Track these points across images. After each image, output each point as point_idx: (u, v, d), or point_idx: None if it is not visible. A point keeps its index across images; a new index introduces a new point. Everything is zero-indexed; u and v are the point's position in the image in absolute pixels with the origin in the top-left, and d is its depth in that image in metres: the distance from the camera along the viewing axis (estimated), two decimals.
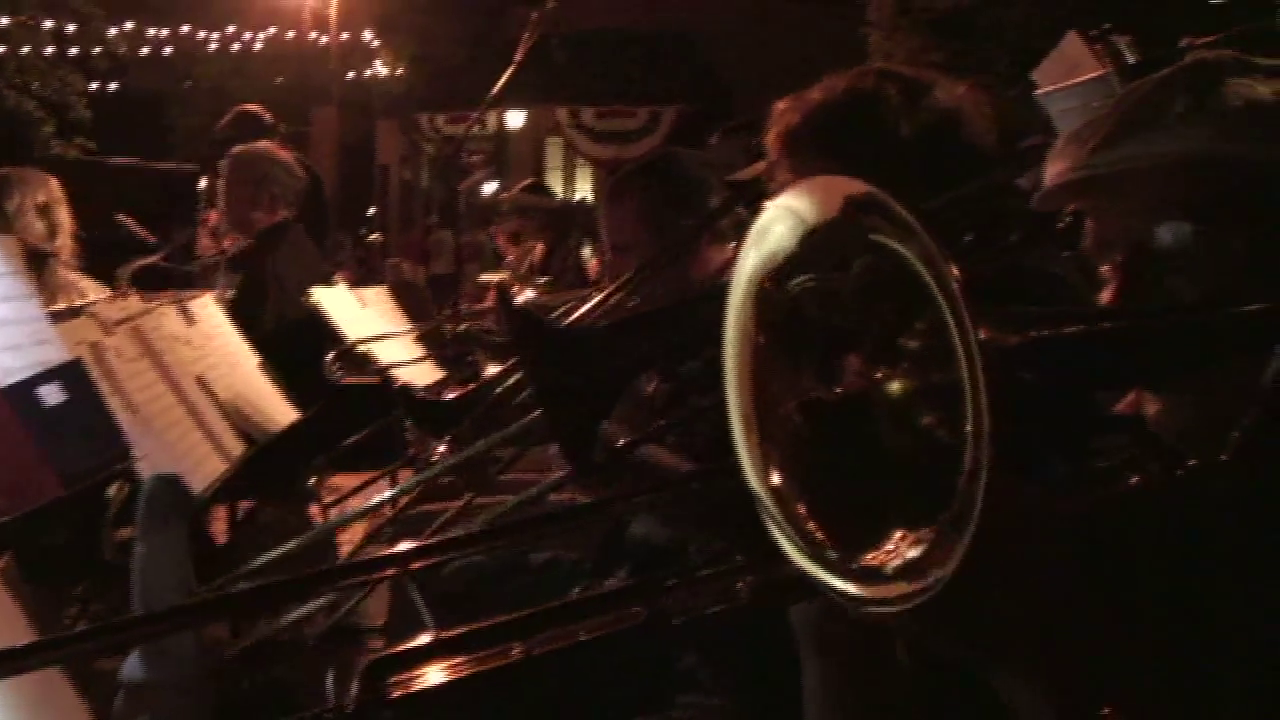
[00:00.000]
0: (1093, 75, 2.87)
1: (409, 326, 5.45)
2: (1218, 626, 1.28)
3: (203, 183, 7.68)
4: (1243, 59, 1.38)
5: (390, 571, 1.46)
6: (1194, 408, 1.31)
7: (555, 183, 26.99)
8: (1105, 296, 1.39)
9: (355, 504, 5.62)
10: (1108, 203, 1.39)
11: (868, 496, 1.02)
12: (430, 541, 1.51)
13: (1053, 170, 1.45)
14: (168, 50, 21.27)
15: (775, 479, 1.10)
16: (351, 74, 22.89)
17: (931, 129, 2.23)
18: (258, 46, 21.98)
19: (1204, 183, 1.30)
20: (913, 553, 0.94)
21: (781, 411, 1.11)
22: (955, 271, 0.92)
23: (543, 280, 6.38)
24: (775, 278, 1.07)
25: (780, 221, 1.06)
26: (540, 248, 7.54)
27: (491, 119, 23.81)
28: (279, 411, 4.05)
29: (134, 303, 3.44)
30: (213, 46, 21.74)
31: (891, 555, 0.96)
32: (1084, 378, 1.12)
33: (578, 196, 26.73)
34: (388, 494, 3.21)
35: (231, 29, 21.42)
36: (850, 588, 0.98)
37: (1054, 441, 1.23)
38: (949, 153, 2.22)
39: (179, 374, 3.35)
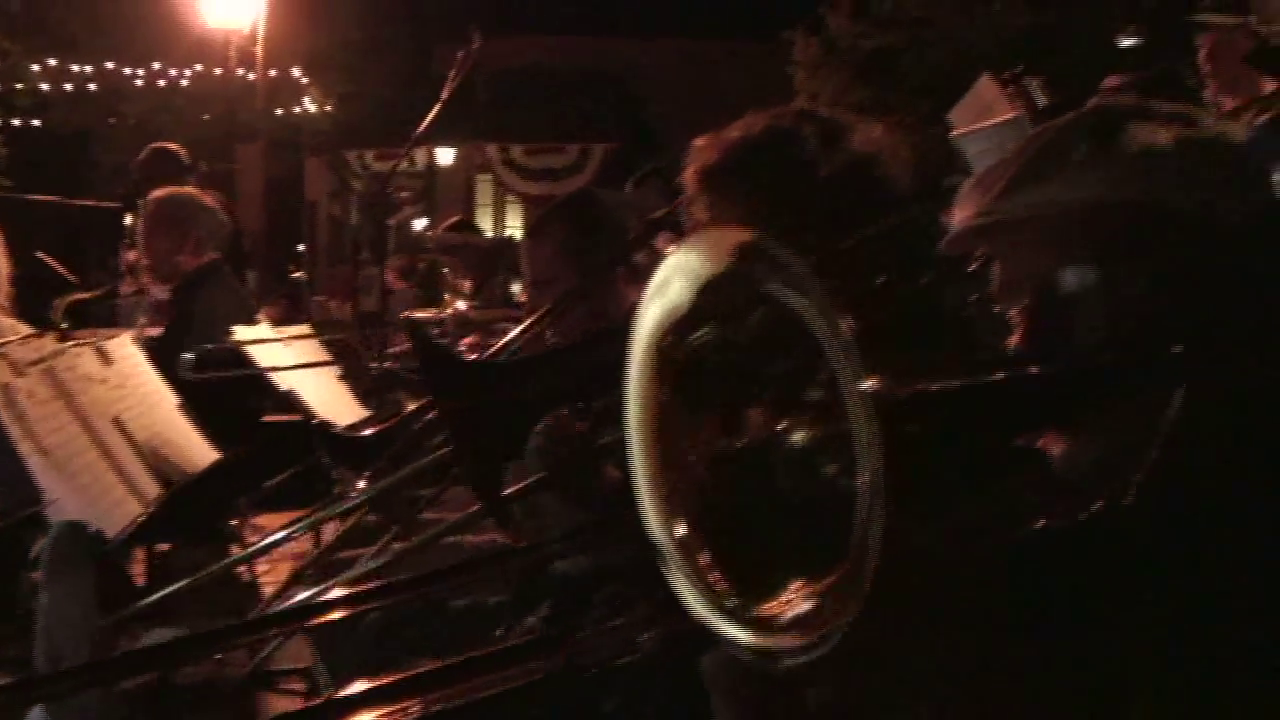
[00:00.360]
0: (1006, 118, 2.92)
1: (331, 365, 5.40)
2: (1128, 670, 1.29)
3: (128, 219, 7.60)
4: (1143, 105, 1.40)
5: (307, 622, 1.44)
6: (1098, 447, 1.32)
7: (485, 219, 26.99)
8: (1014, 339, 1.41)
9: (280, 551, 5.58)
10: (1012, 248, 1.41)
11: (770, 547, 1.02)
12: (329, 598, 1.48)
13: (959, 215, 1.47)
14: (92, 86, 21.03)
15: (680, 530, 1.10)
16: (280, 111, 22.74)
17: (848, 170, 2.25)
18: (184, 83, 21.78)
19: (1105, 227, 1.32)
20: (808, 604, 0.94)
21: (687, 463, 1.11)
22: (844, 322, 0.92)
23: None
24: (675, 332, 1.07)
25: (676, 276, 1.06)
26: (469, 284, 7.55)
27: (421, 155, 23.79)
28: (198, 453, 3.99)
29: (48, 343, 3.38)
30: (138, 83, 21.51)
31: (788, 606, 0.96)
32: (986, 423, 1.13)
33: (508, 233, 26.75)
34: (296, 526, 3.18)
35: (157, 66, 21.21)
36: (745, 637, 0.98)
37: (960, 485, 1.24)
38: (865, 194, 2.25)
39: (94, 416, 3.29)
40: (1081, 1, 9.04)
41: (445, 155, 23.80)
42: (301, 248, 23.96)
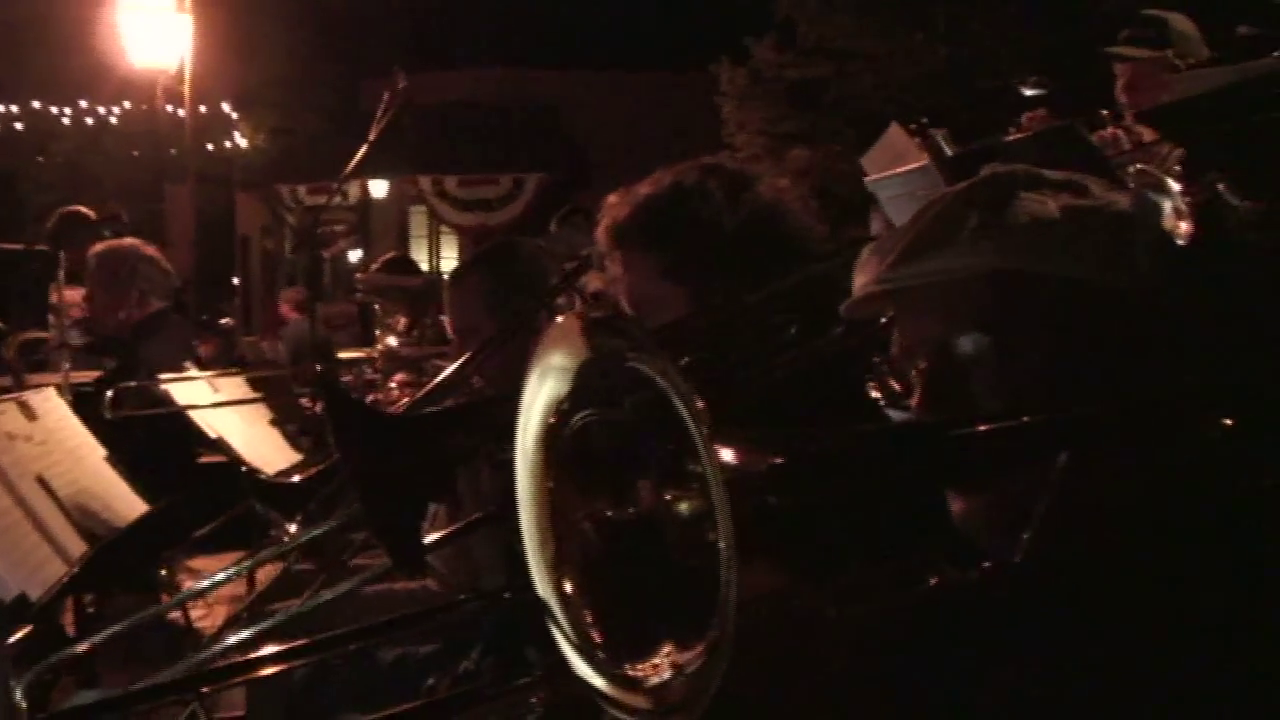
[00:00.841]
0: (916, 165, 2.99)
1: (263, 410, 5.39)
2: None
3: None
4: (1034, 173, 1.44)
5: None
6: (991, 507, 1.37)
7: (420, 250, 26.89)
8: (914, 401, 1.45)
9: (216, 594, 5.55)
10: (909, 314, 1.46)
11: (649, 610, 1.07)
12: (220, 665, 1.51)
13: (858, 281, 1.51)
14: (19, 126, 20.79)
15: (567, 587, 1.15)
16: (211, 146, 22.58)
17: (754, 222, 2.31)
18: (112, 121, 21.59)
19: (996, 296, 1.37)
20: (669, 672, 0.98)
21: (576, 525, 1.16)
22: (697, 399, 0.97)
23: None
24: (559, 416, 1.12)
25: (550, 369, 1.11)
26: (403, 321, 7.54)
27: (354, 188, 23.71)
28: (125, 505, 3.97)
29: None
30: (65, 122, 21.30)
31: (656, 669, 1.00)
32: (851, 489, 1.17)
33: (444, 264, 26.68)
34: (227, 573, 3.18)
35: (84, 104, 21.00)
36: (607, 688, 1.02)
37: (850, 548, 1.29)
38: (771, 245, 2.31)
39: (17, 475, 3.28)
40: (997, 35, 9.22)
41: (379, 188, 23.75)
42: (236, 281, 23.79)
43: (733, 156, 10.81)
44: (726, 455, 1.00)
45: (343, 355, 7.76)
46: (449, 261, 27.00)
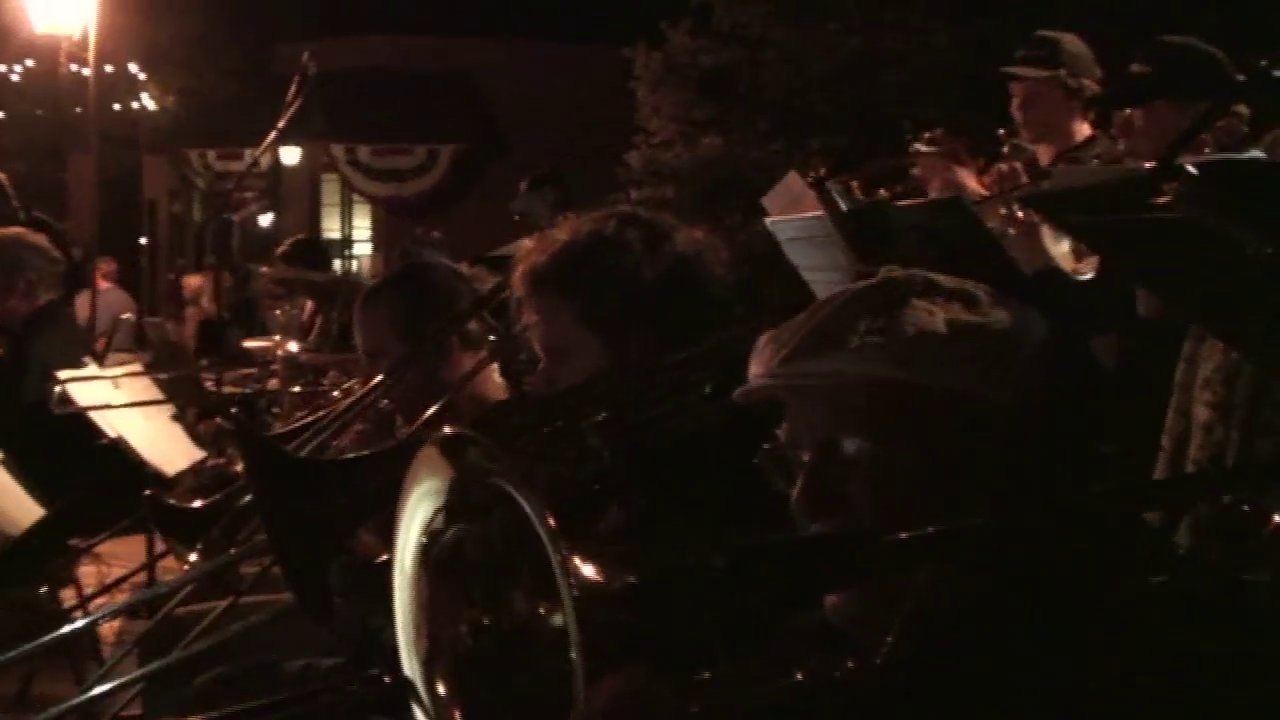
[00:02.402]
0: (814, 214, 3.04)
1: (163, 404, 5.34)
2: None
3: None
4: (929, 279, 1.48)
5: None
6: (865, 601, 1.41)
7: (332, 219, 26.60)
8: (794, 492, 1.49)
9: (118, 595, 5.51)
10: (796, 409, 1.50)
11: (517, 717, 1.11)
12: None
13: (753, 368, 1.55)
14: None
15: (439, 687, 1.19)
16: (117, 106, 22.10)
17: (672, 274, 2.34)
18: (14, 79, 21.03)
19: (877, 403, 1.41)
20: None
21: (452, 630, 1.20)
22: (549, 517, 1.01)
23: (310, 339, 6.34)
24: (431, 534, 1.16)
25: (421, 495, 1.16)
26: (309, 305, 7.48)
27: (265, 155, 23.33)
28: (21, 511, 3.94)
29: None
30: None
31: None
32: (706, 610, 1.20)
33: (355, 233, 26.41)
34: (125, 605, 3.17)
35: None
36: None
37: (714, 647, 1.34)
38: (689, 298, 2.35)
39: None
40: (909, 30, 9.32)
41: (290, 154, 23.41)
42: (144, 240, 23.37)
43: (646, 141, 10.81)
44: (588, 571, 1.04)
45: (248, 344, 7.71)
46: (361, 230, 26.76)
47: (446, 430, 1.17)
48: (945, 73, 8.97)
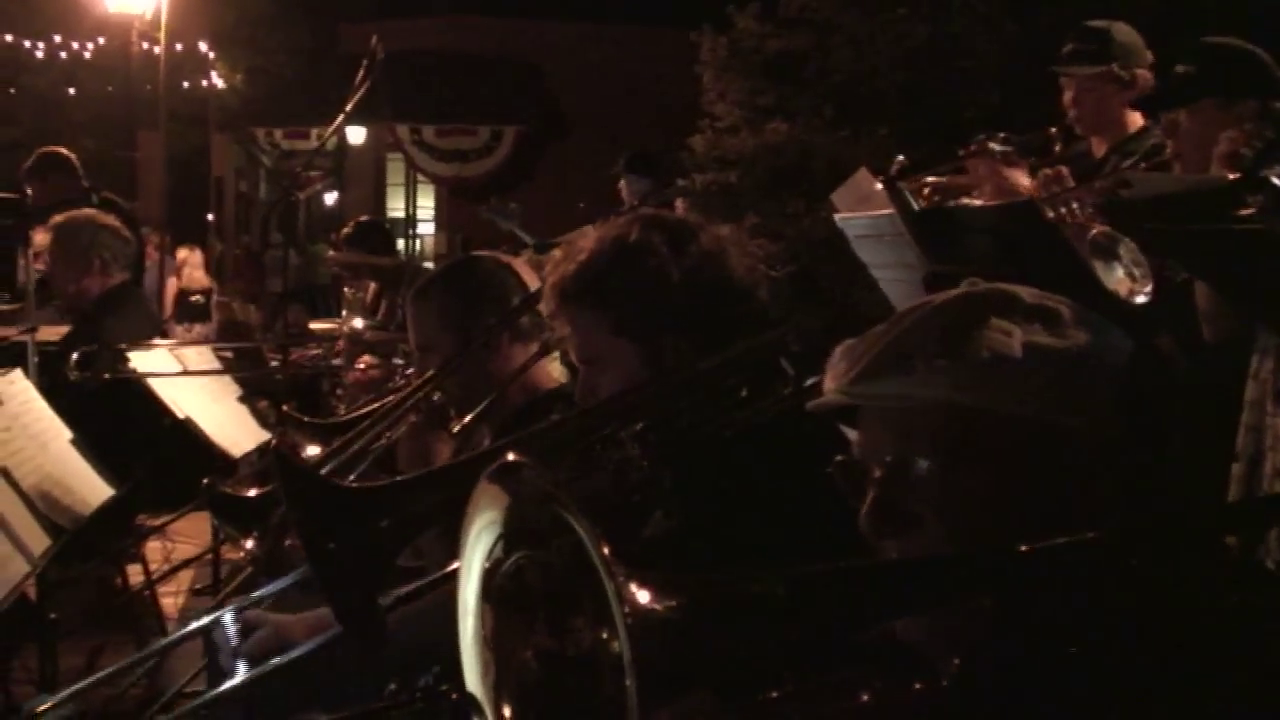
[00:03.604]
0: (885, 213, 3.00)
1: (232, 386, 5.40)
2: None
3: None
4: (1009, 295, 1.45)
5: None
6: (933, 621, 1.39)
7: (396, 199, 26.76)
8: (863, 512, 1.47)
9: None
10: (867, 427, 1.48)
11: None
12: None
13: (827, 380, 1.53)
14: None
15: (506, 711, 1.19)
16: (186, 84, 22.35)
17: (699, 271, 2.33)
18: (86, 56, 21.31)
19: (950, 427, 1.39)
20: None
21: (518, 656, 1.20)
22: (604, 546, 1.01)
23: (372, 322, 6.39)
24: (493, 563, 1.16)
25: (480, 529, 1.16)
26: (373, 287, 7.53)
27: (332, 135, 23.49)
28: (90, 491, 3.98)
29: None
30: (39, 55, 21.02)
31: None
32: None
33: (420, 213, 26.55)
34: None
35: (59, 39, 20.72)
36: None
37: (780, 668, 1.33)
38: (718, 294, 2.34)
39: None
40: (977, 17, 9.20)
41: (356, 134, 23.57)
42: (211, 217, 23.65)
43: (711, 125, 10.71)
44: (643, 598, 1.04)
45: (315, 326, 7.78)
46: (425, 210, 26.89)
47: (500, 461, 1.17)
48: (1013, 60, 8.84)
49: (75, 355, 4.76)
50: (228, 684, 2.70)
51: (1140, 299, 2.39)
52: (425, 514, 2.04)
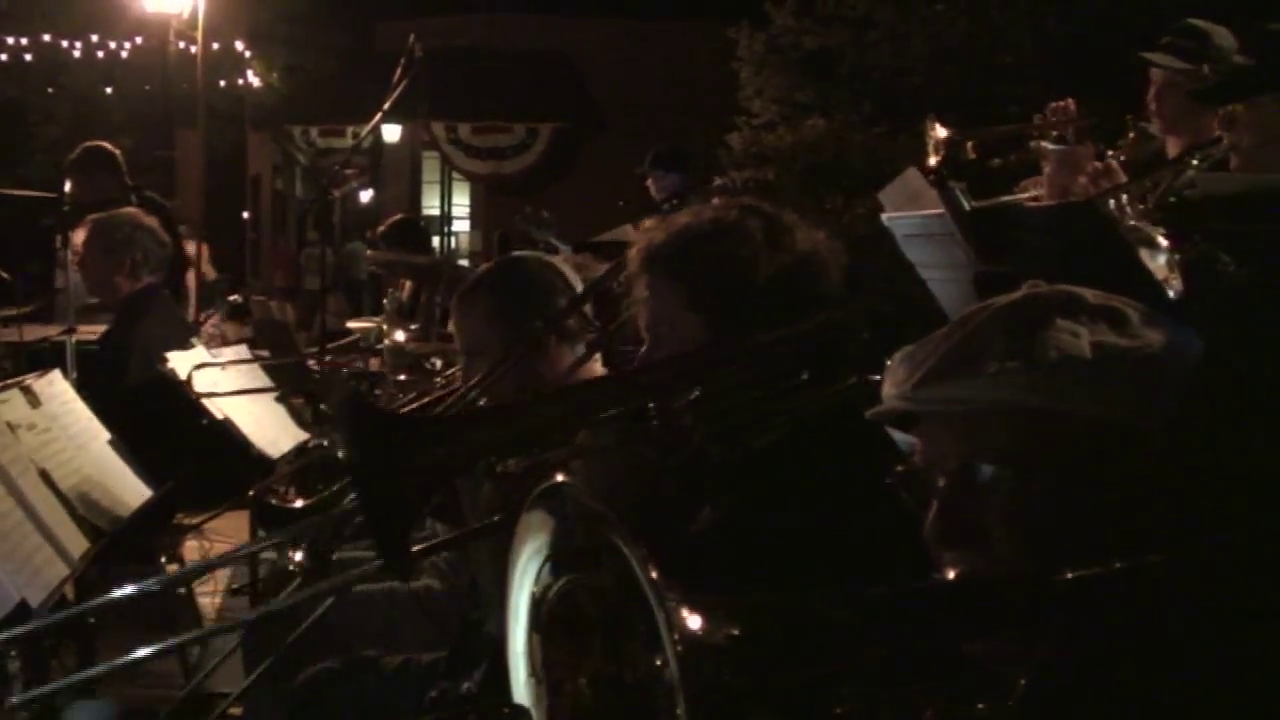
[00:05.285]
0: (934, 212, 2.95)
1: (269, 386, 5.40)
2: None
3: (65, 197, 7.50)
4: (1075, 297, 1.40)
5: None
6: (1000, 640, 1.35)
7: (432, 196, 26.81)
8: (929, 519, 1.42)
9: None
10: (930, 433, 1.43)
11: None
12: None
13: (885, 387, 1.48)
14: (28, 58, 20.69)
15: None
16: (223, 83, 22.47)
17: (789, 271, 2.29)
18: (124, 55, 21.44)
19: (1018, 431, 1.35)
20: None
21: (572, 685, 1.15)
22: (652, 570, 0.97)
23: (413, 327, 6.38)
24: (541, 588, 1.12)
25: (528, 557, 1.11)
26: (409, 285, 7.54)
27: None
28: (129, 493, 3.97)
29: None
30: (76, 55, 21.17)
31: None
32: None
33: (455, 210, 26.58)
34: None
35: (96, 38, 20.87)
36: None
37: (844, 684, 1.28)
38: (803, 297, 2.29)
39: (19, 471, 3.26)
40: (1019, 9, 9.10)
41: (391, 132, 23.61)
42: (246, 215, 23.80)
43: (748, 122, 10.67)
44: (694, 623, 1.00)
45: (353, 324, 7.81)
46: (460, 208, 26.91)
47: (542, 486, 1.13)
48: (1054, 55, 8.73)
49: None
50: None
51: (1171, 292, 2.34)
52: (479, 447, 2.01)
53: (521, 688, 1.17)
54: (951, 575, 1.38)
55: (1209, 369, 1.40)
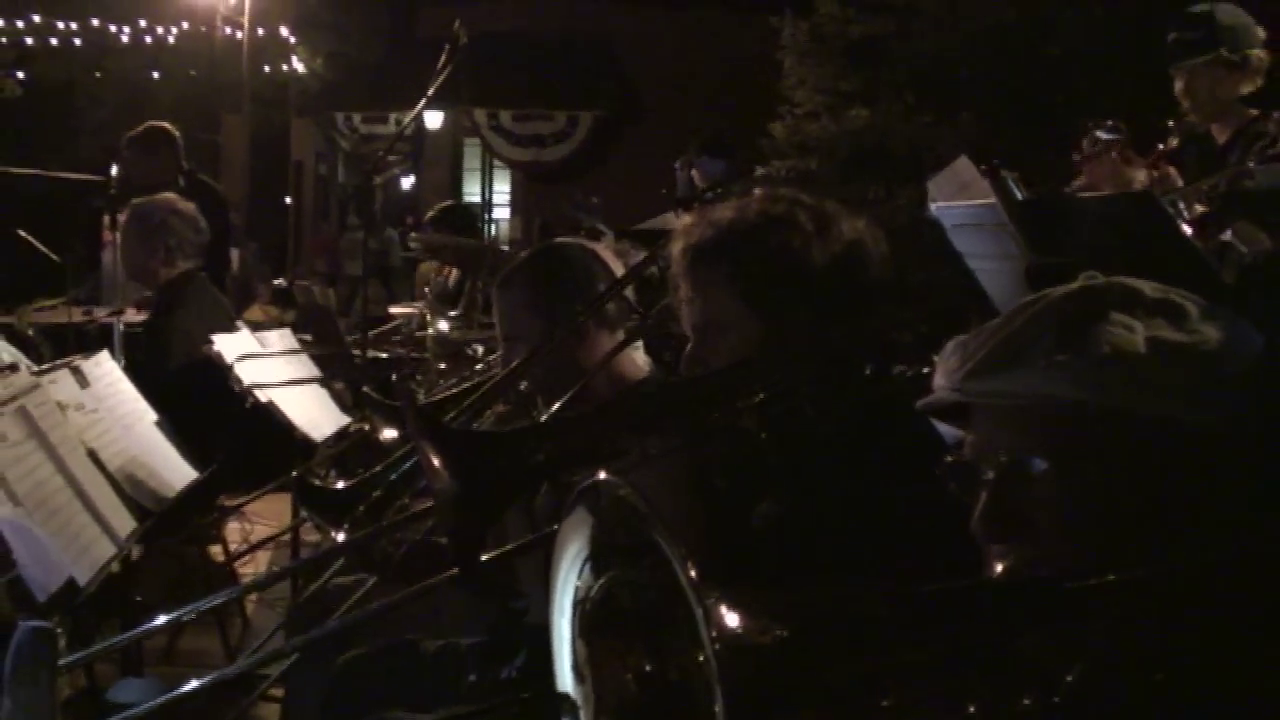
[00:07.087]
0: (985, 202, 2.93)
1: (312, 369, 5.43)
2: None
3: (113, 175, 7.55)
4: (1131, 289, 1.38)
5: None
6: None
7: (473, 183, 26.86)
8: (977, 514, 1.40)
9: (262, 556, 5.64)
10: (979, 425, 1.42)
11: None
12: None
13: (936, 377, 1.47)
14: (76, 42, 20.89)
15: None
16: (268, 69, 22.61)
17: (841, 260, 2.28)
18: (170, 40, 21.61)
19: (1066, 426, 1.33)
20: None
21: (616, 684, 1.15)
22: (690, 569, 0.96)
23: (454, 314, 6.41)
24: (584, 586, 1.12)
25: (570, 560, 1.11)
26: (454, 273, 7.57)
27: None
28: (174, 473, 4.01)
29: (21, 378, 3.37)
30: (124, 39, 21.35)
31: None
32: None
33: (496, 197, 26.63)
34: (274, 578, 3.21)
35: (143, 23, 21.04)
36: None
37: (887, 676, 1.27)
38: (854, 285, 2.28)
39: (67, 451, 3.30)
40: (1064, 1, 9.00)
41: (433, 119, 23.65)
42: (289, 200, 23.92)
43: (791, 112, 10.59)
44: (732, 621, 0.99)
45: (395, 310, 7.85)
46: (501, 195, 26.95)
47: (582, 485, 1.13)
48: (1101, 44, 8.64)
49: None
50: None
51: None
52: (546, 464, 2.01)
53: (567, 680, 1.17)
54: (999, 569, 1.36)
55: (1270, 365, 1.37)
